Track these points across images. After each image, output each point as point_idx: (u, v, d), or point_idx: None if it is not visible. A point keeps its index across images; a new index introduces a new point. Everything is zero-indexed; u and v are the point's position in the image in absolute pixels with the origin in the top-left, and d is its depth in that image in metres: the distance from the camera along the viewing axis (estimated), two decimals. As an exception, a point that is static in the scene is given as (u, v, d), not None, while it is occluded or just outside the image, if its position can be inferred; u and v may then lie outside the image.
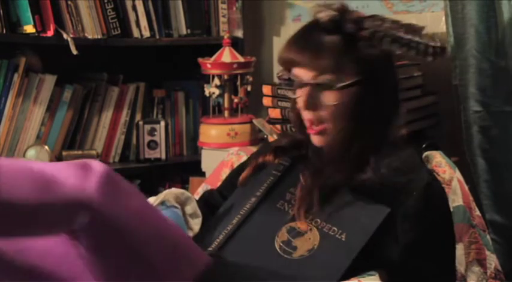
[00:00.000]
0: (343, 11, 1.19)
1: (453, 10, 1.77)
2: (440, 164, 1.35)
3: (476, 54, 1.67)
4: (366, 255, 1.09)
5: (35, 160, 1.94)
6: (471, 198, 1.37)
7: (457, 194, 1.34)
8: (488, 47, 1.67)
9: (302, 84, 1.20)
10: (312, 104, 1.18)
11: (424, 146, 1.45)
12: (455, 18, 1.75)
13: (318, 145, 1.24)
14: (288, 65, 1.24)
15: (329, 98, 1.17)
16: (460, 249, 1.31)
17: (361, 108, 1.18)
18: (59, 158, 2.00)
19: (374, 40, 1.19)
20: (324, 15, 1.18)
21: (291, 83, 1.30)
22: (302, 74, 1.20)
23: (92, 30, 1.94)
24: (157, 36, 2.11)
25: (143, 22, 2.05)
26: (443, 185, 1.33)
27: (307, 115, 1.20)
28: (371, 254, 1.11)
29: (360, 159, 1.18)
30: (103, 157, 2.11)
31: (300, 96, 1.20)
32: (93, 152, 2.00)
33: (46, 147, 1.94)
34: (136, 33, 2.03)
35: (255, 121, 1.87)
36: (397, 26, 1.21)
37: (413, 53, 1.20)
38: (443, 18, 1.84)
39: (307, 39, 1.22)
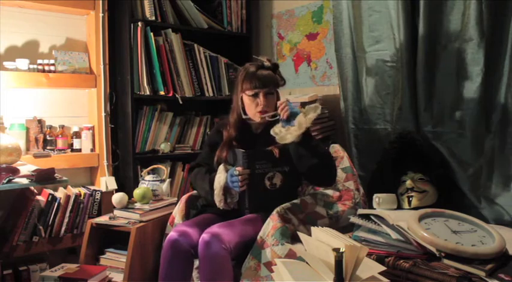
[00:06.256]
0: (271, 60, 1.88)
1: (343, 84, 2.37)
2: (338, 149, 2.19)
3: (352, 105, 2.37)
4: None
5: (164, 148, 2.62)
6: (351, 164, 2.13)
7: (346, 161, 2.12)
8: (358, 101, 2.34)
9: (263, 93, 1.81)
10: (266, 100, 1.83)
11: (330, 142, 2.31)
12: (344, 88, 2.37)
13: (260, 121, 1.86)
14: (255, 89, 1.82)
15: (269, 97, 1.86)
16: (351, 184, 2.00)
17: (276, 100, 1.87)
18: (174, 148, 2.72)
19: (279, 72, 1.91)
20: (266, 61, 1.87)
21: (256, 94, 1.85)
22: (260, 91, 1.82)
23: (188, 92, 2.74)
24: (216, 95, 2.91)
25: (210, 88, 2.86)
26: (340, 157, 2.05)
27: (262, 107, 1.81)
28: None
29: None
30: (192, 147, 2.84)
31: (261, 99, 1.82)
32: (188, 145, 2.82)
33: (168, 143, 2.71)
34: (207, 93, 2.85)
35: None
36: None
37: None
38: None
39: (261, 73, 1.83)
